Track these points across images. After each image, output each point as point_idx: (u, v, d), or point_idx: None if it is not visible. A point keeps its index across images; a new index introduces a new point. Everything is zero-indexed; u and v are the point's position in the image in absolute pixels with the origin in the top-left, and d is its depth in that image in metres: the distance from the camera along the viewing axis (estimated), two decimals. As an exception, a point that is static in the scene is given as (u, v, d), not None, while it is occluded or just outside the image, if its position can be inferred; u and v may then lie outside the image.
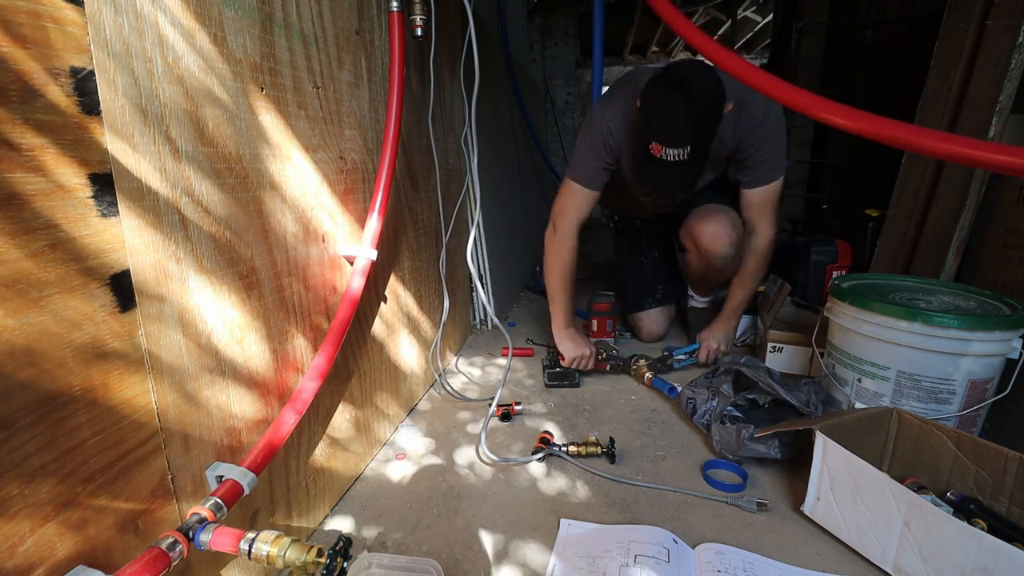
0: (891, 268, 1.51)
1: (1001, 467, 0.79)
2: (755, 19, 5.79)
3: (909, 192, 1.49)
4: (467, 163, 1.59)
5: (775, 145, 1.29)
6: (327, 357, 0.77)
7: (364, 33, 0.97)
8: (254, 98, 0.68)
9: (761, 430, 0.97)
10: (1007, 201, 1.18)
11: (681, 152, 1.09)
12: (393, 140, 0.95)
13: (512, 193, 2.49)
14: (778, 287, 1.51)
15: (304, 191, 0.79)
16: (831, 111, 0.70)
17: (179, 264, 0.56)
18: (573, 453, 1.05)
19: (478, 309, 1.89)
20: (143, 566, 0.46)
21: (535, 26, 4.40)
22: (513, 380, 1.47)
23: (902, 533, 0.73)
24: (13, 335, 0.40)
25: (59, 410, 0.43)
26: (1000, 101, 1.22)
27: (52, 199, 0.43)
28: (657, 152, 1.10)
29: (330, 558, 0.57)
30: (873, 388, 1.02)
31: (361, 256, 0.89)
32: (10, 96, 0.39)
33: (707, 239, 1.43)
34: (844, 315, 1.06)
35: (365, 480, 1.00)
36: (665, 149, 1.09)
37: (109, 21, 0.47)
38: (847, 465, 0.80)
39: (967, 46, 1.33)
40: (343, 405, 0.93)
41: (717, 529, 0.86)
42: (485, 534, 0.85)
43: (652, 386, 1.37)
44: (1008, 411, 1.04)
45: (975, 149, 0.61)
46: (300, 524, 0.81)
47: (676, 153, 1.09)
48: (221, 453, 0.63)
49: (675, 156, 1.09)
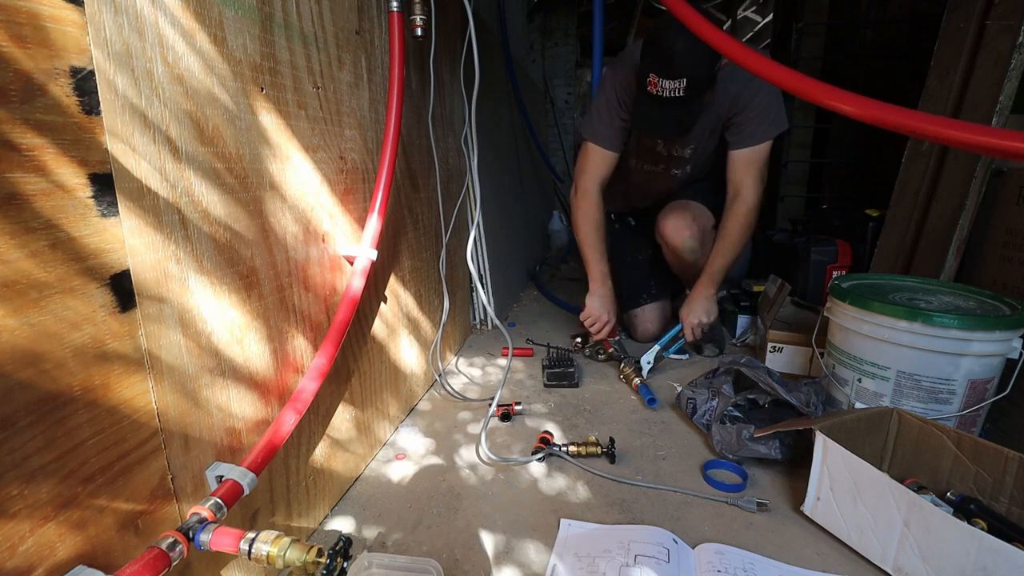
0: (891, 268, 1.51)
1: (1001, 467, 0.79)
2: (755, 19, 5.79)
3: (909, 192, 1.49)
4: (467, 163, 1.59)
5: (766, 105, 1.31)
6: (327, 357, 0.77)
7: (364, 33, 0.97)
8: (254, 98, 0.68)
9: (761, 430, 0.97)
10: (1007, 201, 1.18)
11: (677, 86, 1.13)
12: (393, 140, 0.95)
13: (512, 193, 2.49)
14: (778, 287, 1.51)
15: (304, 191, 0.79)
16: (840, 99, 0.71)
17: (179, 264, 0.56)
18: (573, 453, 1.05)
19: (478, 309, 1.89)
20: (143, 566, 0.46)
21: (535, 26, 4.40)
22: (513, 380, 1.47)
23: (902, 533, 0.73)
24: (13, 335, 0.40)
25: (59, 410, 0.43)
26: (1000, 101, 1.22)
27: (52, 199, 0.43)
28: (654, 87, 1.16)
29: (330, 558, 0.57)
30: (873, 388, 1.02)
31: (361, 256, 0.89)
32: (10, 96, 0.39)
33: (669, 232, 1.47)
34: (844, 315, 1.06)
35: (365, 480, 1.00)
36: (661, 81, 1.14)
37: (109, 21, 0.47)
38: (847, 465, 0.80)
39: (967, 46, 1.33)
40: (343, 405, 0.93)
41: (717, 529, 0.86)
42: (485, 534, 0.85)
43: (638, 392, 1.34)
44: (1008, 411, 1.04)
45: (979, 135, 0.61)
46: (300, 524, 0.81)
47: (672, 87, 1.14)
48: (221, 453, 0.63)
49: (671, 90, 1.14)
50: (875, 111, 0.67)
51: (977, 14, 1.31)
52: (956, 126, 0.63)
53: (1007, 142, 0.58)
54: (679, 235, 1.45)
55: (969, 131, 0.61)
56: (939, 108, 1.40)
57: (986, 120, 1.24)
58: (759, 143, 1.35)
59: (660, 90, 1.15)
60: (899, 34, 2.39)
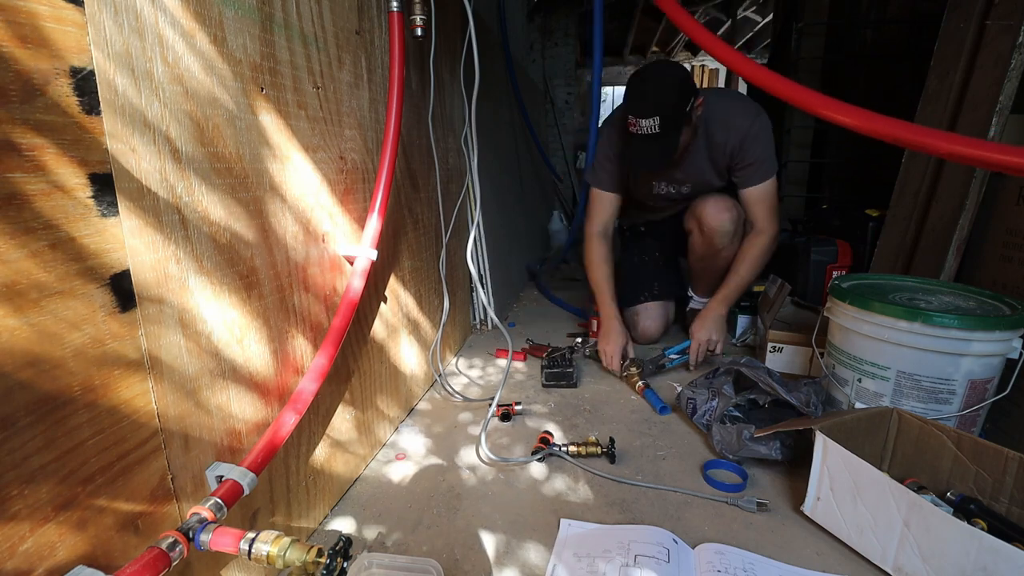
0: (891, 268, 1.51)
1: (1001, 467, 0.79)
2: (755, 19, 5.79)
3: (909, 192, 1.49)
4: (467, 163, 1.59)
5: (765, 145, 1.42)
6: (327, 357, 0.77)
7: (364, 33, 0.97)
8: (254, 98, 0.67)
9: (761, 430, 0.97)
10: (1007, 201, 1.18)
11: (651, 124, 1.26)
12: (393, 140, 0.95)
13: (512, 193, 2.49)
14: (778, 287, 1.51)
15: (304, 191, 0.79)
16: (835, 110, 0.70)
17: (179, 264, 0.56)
18: (573, 453, 1.05)
19: (478, 309, 1.89)
20: (143, 566, 0.46)
21: (535, 26, 4.40)
22: (513, 380, 1.47)
23: (902, 533, 0.73)
24: (13, 335, 0.40)
25: (59, 410, 0.43)
26: (1000, 101, 1.21)
27: (52, 199, 0.43)
28: (633, 127, 1.29)
29: (330, 558, 0.57)
30: (873, 388, 1.02)
31: (361, 256, 0.89)
32: (10, 96, 0.39)
33: (709, 213, 1.51)
34: (844, 315, 1.06)
35: (365, 480, 1.00)
36: (637, 121, 1.28)
37: (109, 21, 0.47)
38: (847, 465, 0.80)
39: (967, 46, 1.33)
40: (343, 405, 0.93)
41: (717, 529, 0.86)
42: (485, 534, 0.85)
43: (644, 396, 1.32)
44: (1008, 411, 1.04)
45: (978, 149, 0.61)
46: (300, 524, 0.81)
47: (648, 124, 1.27)
48: (221, 453, 0.63)
49: (648, 128, 1.27)
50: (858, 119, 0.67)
51: (977, 14, 1.31)
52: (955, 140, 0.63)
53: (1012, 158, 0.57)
54: (719, 217, 1.49)
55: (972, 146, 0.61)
56: (939, 108, 1.40)
57: (986, 120, 1.24)
58: (767, 178, 1.44)
59: (638, 129, 1.28)
60: (899, 34, 2.39)
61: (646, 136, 1.28)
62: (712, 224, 1.51)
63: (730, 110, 1.42)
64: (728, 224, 1.50)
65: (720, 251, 1.55)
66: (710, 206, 1.52)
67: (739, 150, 1.42)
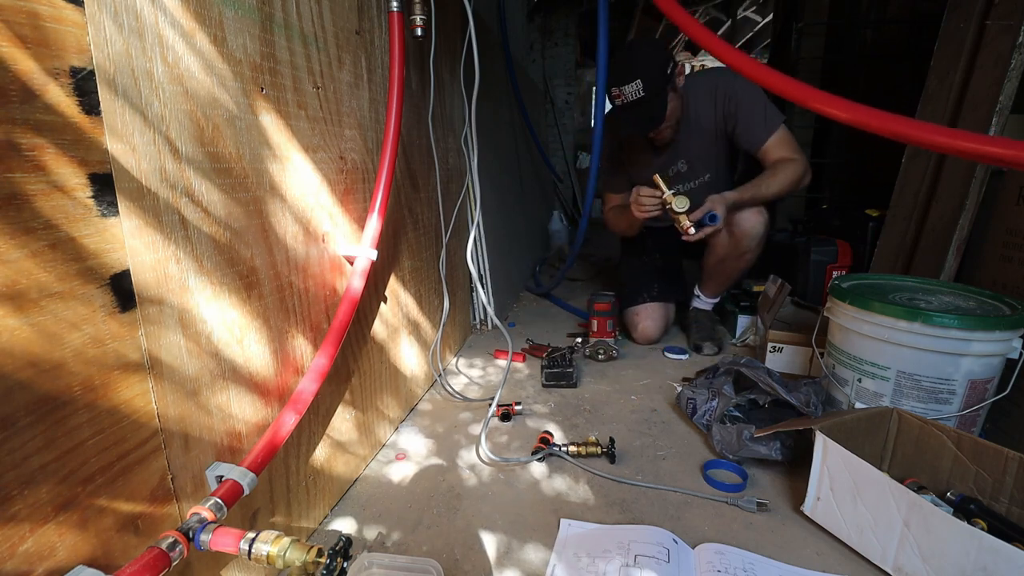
0: (891, 268, 1.51)
1: (1001, 467, 0.79)
2: (755, 19, 5.79)
3: (909, 192, 1.49)
4: (467, 163, 1.59)
5: (752, 93, 1.45)
6: (328, 357, 0.77)
7: (364, 33, 0.97)
8: (254, 98, 0.67)
9: (761, 430, 0.97)
10: (1007, 201, 1.18)
11: (635, 88, 1.33)
12: (393, 140, 0.95)
13: (512, 193, 2.49)
14: (778, 287, 1.51)
15: (304, 191, 0.79)
16: (832, 104, 0.71)
17: (179, 264, 0.56)
18: (573, 453, 1.05)
19: (478, 309, 1.89)
20: (143, 566, 0.46)
21: (535, 26, 4.40)
22: (513, 380, 1.47)
23: (902, 533, 0.73)
24: (13, 335, 0.40)
25: (59, 410, 0.43)
26: (1000, 101, 1.22)
27: (52, 199, 0.43)
28: (619, 97, 1.36)
29: (330, 558, 0.57)
30: (873, 388, 1.02)
31: (361, 256, 0.88)
32: (10, 96, 0.39)
33: (744, 217, 1.51)
34: (844, 315, 1.06)
35: (365, 480, 1.00)
36: (621, 90, 1.34)
37: (109, 21, 0.47)
38: (847, 465, 0.80)
39: (967, 46, 1.33)
40: (343, 405, 0.93)
41: (717, 529, 0.86)
42: (485, 534, 0.85)
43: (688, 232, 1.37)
44: (1008, 411, 1.04)
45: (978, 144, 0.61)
46: (300, 524, 0.81)
47: (632, 90, 1.33)
48: (221, 453, 0.63)
49: (632, 93, 1.34)
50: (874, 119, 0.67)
51: (977, 14, 1.31)
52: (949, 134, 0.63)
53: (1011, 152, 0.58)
54: (752, 219, 1.50)
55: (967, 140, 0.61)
56: (939, 108, 1.40)
57: (986, 120, 1.24)
58: (776, 126, 1.45)
59: (624, 97, 1.34)
60: (899, 34, 2.39)
61: (632, 103, 1.34)
62: (745, 226, 1.51)
63: (706, 79, 1.51)
64: (760, 227, 1.51)
65: (744, 254, 1.55)
66: (746, 211, 1.51)
67: (728, 104, 1.47)
